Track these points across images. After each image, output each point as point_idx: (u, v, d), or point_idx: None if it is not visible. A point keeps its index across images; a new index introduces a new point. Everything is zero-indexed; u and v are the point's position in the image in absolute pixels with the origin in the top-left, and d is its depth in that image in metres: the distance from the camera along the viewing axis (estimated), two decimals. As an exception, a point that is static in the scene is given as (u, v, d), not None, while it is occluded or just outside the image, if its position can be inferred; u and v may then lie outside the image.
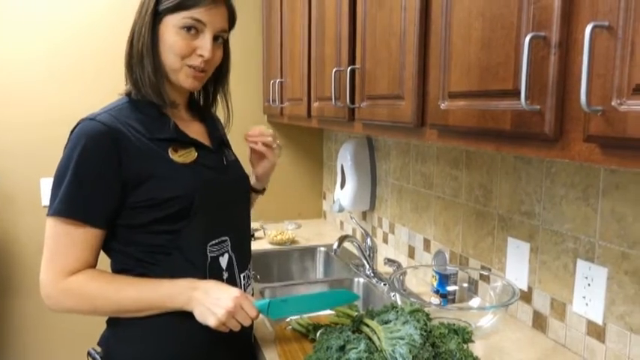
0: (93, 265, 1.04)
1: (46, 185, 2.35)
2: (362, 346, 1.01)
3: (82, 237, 1.01)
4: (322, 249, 2.19)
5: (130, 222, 1.04)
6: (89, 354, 1.13)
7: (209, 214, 1.08)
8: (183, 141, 1.09)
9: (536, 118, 0.77)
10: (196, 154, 1.09)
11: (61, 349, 2.44)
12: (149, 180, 1.02)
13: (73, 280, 1.01)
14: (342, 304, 1.19)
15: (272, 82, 2.29)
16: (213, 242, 1.10)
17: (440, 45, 1.01)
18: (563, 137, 0.75)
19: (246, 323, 1.03)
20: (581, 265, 1.14)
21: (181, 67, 1.06)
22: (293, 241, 2.25)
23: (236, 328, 1.03)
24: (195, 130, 1.16)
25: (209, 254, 1.09)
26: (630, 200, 1.03)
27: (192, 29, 1.04)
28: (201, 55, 1.06)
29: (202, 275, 1.07)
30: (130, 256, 1.06)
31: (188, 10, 1.03)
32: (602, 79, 0.65)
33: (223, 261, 1.12)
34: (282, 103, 2.21)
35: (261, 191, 1.38)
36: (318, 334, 1.15)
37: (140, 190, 1.02)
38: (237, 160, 1.25)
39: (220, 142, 1.21)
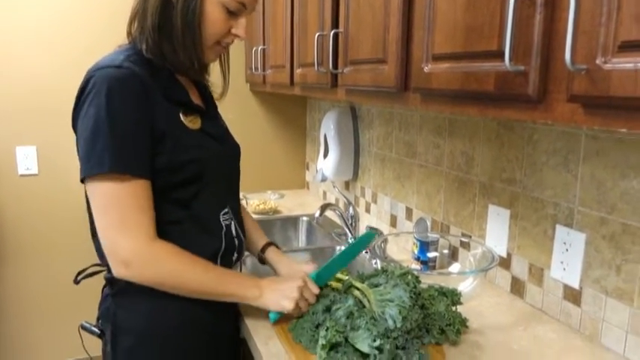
0: (155, 224, 0.98)
1: (22, 153, 2.30)
2: (350, 302, 1.02)
3: (145, 194, 0.95)
4: (305, 218, 2.19)
5: None
6: (84, 328, 1.10)
7: (218, 183, 1.08)
8: (191, 107, 1.06)
9: (519, 79, 0.76)
10: (200, 121, 1.07)
11: (46, 318, 2.43)
12: (164, 139, 0.97)
13: (160, 251, 0.96)
14: (368, 245, 1.22)
15: (254, 49, 2.25)
16: (225, 211, 1.10)
17: (424, 5, 0.99)
18: (546, 98, 0.74)
19: (312, 300, 1.06)
20: (560, 231, 1.15)
21: (213, 46, 1.04)
22: (275, 211, 2.25)
23: (305, 308, 1.05)
24: (194, 94, 1.13)
25: (223, 222, 1.09)
26: (610, 166, 1.04)
27: (235, 12, 1.02)
28: (236, 35, 1.05)
29: (219, 244, 1.08)
30: None
31: None
32: (588, 37, 0.64)
33: (233, 229, 1.12)
34: (264, 70, 2.17)
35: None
36: None
37: (159, 148, 0.96)
38: (227, 129, 1.23)
39: (215, 108, 1.20)
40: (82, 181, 0.96)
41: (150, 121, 0.95)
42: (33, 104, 2.28)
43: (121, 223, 0.93)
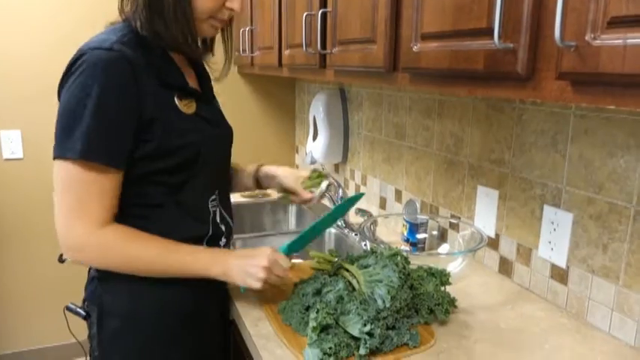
0: (116, 212, 0.97)
1: (6, 138, 2.26)
2: (340, 285, 1.02)
3: (112, 184, 0.93)
4: (294, 201, 2.18)
5: (128, 170, 0.96)
6: (69, 309, 1.09)
7: (211, 168, 1.07)
8: (186, 90, 1.04)
9: (508, 57, 0.75)
10: (195, 105, 1.04)
11: (32, 303, 2.42)
12: (156, 124, 0.95)
13: (110, 237, 0.94)
14: (351, 206, 1.22)
15: (242, 30, 2.21)
16: (212, 197, 1.09)
17: (413, -17, 0.98)
18: (535, 76, 0.73)
19: (283, 274, 1.04)
20: (548, 211, 1.16)
21: (207, 19, 1.01)
22: (265, 194, 2.24)
23: (277, 282, 1.04)
24: (190, 76, 1.10)
25: (211, 209, 1.08)
26: (598, 145, 1.04)
27: None
28: (231, 9, 1.01)
29: (207, 229, 1.07)
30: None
31: None
32: (577, 13, 0.63)
33: (218, 215, 1.11)
34: (252, 52, 2.14)
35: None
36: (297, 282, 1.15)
37: (147, 135, 0.94)
38: (221, 111, 1.21)
39: (211, 90, 1.17)
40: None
41: (136, 108, 0.92)
42: (17, 88, 2.23)
43: (79, 207, 0.92)
